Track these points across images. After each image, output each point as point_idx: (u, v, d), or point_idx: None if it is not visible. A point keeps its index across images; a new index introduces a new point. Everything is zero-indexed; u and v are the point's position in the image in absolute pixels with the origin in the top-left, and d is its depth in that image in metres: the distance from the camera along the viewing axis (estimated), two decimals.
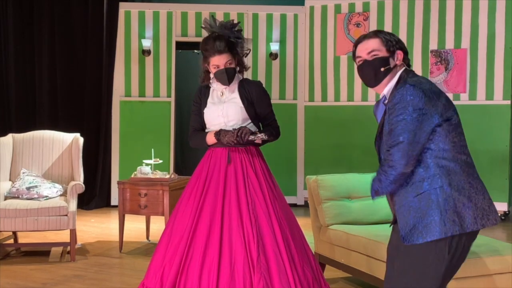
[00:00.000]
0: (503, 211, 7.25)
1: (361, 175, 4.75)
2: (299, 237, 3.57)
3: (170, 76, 8.10)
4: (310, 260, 3.53)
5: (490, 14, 7.27)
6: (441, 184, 2.43)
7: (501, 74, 7.24)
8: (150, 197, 5.46)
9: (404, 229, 2.48)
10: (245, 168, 3.56)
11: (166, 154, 7.92)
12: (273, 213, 3.48)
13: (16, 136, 5.81)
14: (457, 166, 2.46)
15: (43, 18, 8.04)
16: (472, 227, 2.44)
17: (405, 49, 2.63)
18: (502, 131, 7.17)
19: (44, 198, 5.33)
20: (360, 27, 7.93)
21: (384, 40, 2.59)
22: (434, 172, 2.44)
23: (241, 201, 3.47)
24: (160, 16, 8.08)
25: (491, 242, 3.96)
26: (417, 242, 2.44)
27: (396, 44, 2.60)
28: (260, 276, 3.28)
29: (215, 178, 3.55)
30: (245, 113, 3.61)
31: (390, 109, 2.45)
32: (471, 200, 2.45)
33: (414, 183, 2.46)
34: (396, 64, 2.59)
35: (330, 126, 8.07)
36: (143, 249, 5.77)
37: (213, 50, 3.56)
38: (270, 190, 3.56)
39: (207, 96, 3.72)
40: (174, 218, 3.61)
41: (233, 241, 3.38)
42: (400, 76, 2.58)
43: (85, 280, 4.75)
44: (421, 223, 2.43)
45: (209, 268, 3.33)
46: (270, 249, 3.37)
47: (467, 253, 2.56)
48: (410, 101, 2.40)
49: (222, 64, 3.58)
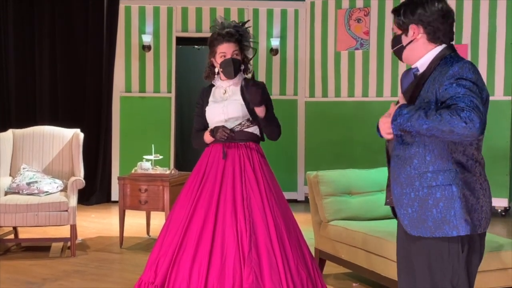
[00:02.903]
0: (503, 207, 7.25)
1: (361, 171, 4.75)
2: (295, 235, 3.55)
3: (171, 71, 8.09)
4: (306, 259, 3.51)
5: (491, 10, 7.25)
6: (457, 181, 2.37)
7: (502, 70, 7.23)
8: (150, 192, 5.47)
9: (406, 217, 2.45)
10: (243, 163, 3.56)
11: (167, 149, 7.92)
12: (269, 210, 3.48)
13: (16, 131, 5.81)
14: (474, 165, 2.41)
15: (44, 13, 8.03)
16: (478, 229, 2.41)
17: (427, 21, 2.47)
18: (502, 127, 7.16)
19: (44, 194, 5.33)
20: (361, 23, 7.91)
21: (395, 16, 2.56)
22: (452, 166, 2.38)
23: (236, 196, 3.48)
24: (161, 11, 8.07)
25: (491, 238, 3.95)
26: (425, 235, 2.41)
27: (406, 17, 2.50)
28: (250, 270, 3.29)
29: (213, 173, 3.56)
30: (245, 110, 3.61)
31: (449, 78, 2.32)
32: (479, 201, 2.41)
33: (425, 173, 2.40)
34: (412, 39, 2.50)
35: (331, 122, 8.06)
36: (144, 245, 5.77)
37: (222, 38, 3.60)
38: (267, 186, 3.56)
39: (208, 95, 3.74)
40: (172, 213, 3.64)
41: (226, 235, 3.39)
42: (443, 53, 2.47)
43: (85, 276, 4.76)
44: (430, 217, 2.39)
45: (200, 260, 3.35)
46: (262, 244, 3.37)
47: (483, 251, 2.51)
48: (473, 79, 2.31)
49: (229, 53, 3.59)
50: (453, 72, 2.34)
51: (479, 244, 2.46)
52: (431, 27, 2.47)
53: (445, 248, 2.40)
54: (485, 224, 2.45)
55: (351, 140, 7.90)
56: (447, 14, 2.49)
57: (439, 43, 2.49)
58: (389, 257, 3.85)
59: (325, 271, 4.59)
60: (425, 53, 2.49)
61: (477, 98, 2.24)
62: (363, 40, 7.91)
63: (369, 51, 7.89)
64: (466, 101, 2.23)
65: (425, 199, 2.40)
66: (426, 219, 2.41)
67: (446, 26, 2.48)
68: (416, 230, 2.44)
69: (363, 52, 7.92)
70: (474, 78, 2.32)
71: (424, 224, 2.41)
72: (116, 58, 8.02)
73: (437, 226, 2.39)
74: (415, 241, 2.48)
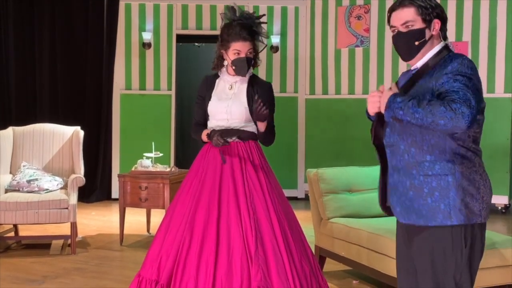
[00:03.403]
0: (503, 204, 7.25)
1: (361, 168, 4.75)
2: (297, 231, 3.55)
3: (171, 69, 8.09)
4: (308, 254, 3.52)
5: (492, 7, 7.24)
6: (453, 171, 2.35)
7: (502, 67, 7.22)
8: (150, 190, 5.47)
9: (398, 204, 2.44)
10: (243, 162, 3.54)
11: (167, 147, 7.92)
12: (272, 207, 3.47)
13: (16, 129, 5.81)
14: (473, 156, 2.39)
15: (44, 11, 8.02)
16: (477, 219, 2.39)
17: (443, 16, 2.42)
18: (503, 124, 7.16)
19: (44, 191, 5.33)
20: (361, 20, 7.91)
21: (419, 8, 2.38)
22: (450, 157, 2.36)
23: (239, 194, 3.46)
24: (161, 9, 8.06)
25: (491, 235, 3.95)
26: (416, 223, 2.40)
27: (433, 11, 2.38)
28: (258, 268, 3.28)
29: (212, 170, 3.54)
30: (248, 115, 3.57)
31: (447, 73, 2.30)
32: (479, 191, 2.39)
33: (423, 162, 2.38)
34: (432, 34, 2.41)
35: (331, 119, 8.06)
36: (144, 242, 5.77)
37: (238, 36, 3.50)
38: (268, 184, 3.55)
39: (212, 87, 3.65)
40: (172, 210, 3.60)
41: (231, 233, 3.38)
42: (441, 52, 2.42)
43: (85, 273, 4.76)
44: (425, 206, 2.37)
45: (206, 258, 3.33)
46: (268, 242, 3.37)
47: (484, 245, 2.49)
48: (470, 74, 2.29)
49: (244, 52, 3.52)
50: (452, 68, 2.33)
51: (480, 237, 2.45)
52: (445, 23, 2.44)
53: (448, 243, 2.39)
54: (486, 214, 2.43)
55: (351, 137, 7.90)
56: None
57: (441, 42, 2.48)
58: (389, 254, 3.85)
59: (325, 269, 4.59)
60: (428, 51, 2.45)
61: (471, 93, 2.23)
62: (363, 37, 7.91)
63: (369, 48, 7.88)
64: (460, 94, 2.22)
65: (421, 188, 2.39)
66: (420, 208, 2.40)
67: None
68: (407, 218, 2.43)
69: (363, 49, 7.92)
70: (471, 73, 2.31)
71: (417, 213, 2.40)
72: (116, 56, 8.02)
73: (432, 216, 2.38)
74: (417, 238, 2.46)
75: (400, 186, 2.45)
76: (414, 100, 2.25)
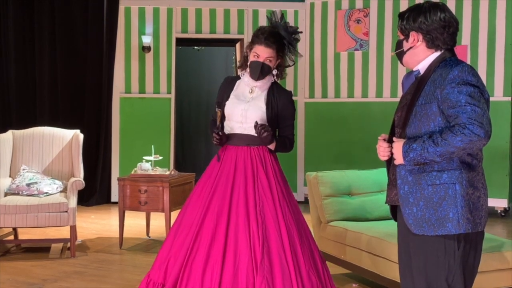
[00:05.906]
0: (503, 208, 7.25)
1: (361, 172, 4.75)
2: (307, 240, 3.51)
3: (170, 72, 8.09)
4: (317, 264, 3.48)
5: (491, 10, 7.25)
6: (461, 179, 2.41)
7: (502, 70, 7.23)
8: (150, 193, 5.47)
9: (411, 216, 2.47)
10: (255, 167, 3.52)
11: (166, 150, 7.92)
12: (281, 216, 3.44)
13: (16, 132, 5.81)
14: (477, 164, 2.46)
15: (43, 14, 8.03)
16: (479, 227, 2.44)
17: (427, 30, 2.51)
18: (502, 127, 7.16)
19: (44, 195, 5.33)
20: (360, 24, 7.92)
21: (399, 25, 2.61)
22: (457, 165, 2.41)
23: (249, 201, 3.44)
24: (160, 12, 8.07)
25: (491, 238, 3.96)
26: (428, 233, 2.44)
27: (410, 28, 2.54)
28: (263, 278, 3.26)
29: (225, 176, 3.52)
30: (264, 118, 3.55)
31: (450, 82, 2.37)
32: (480, 199, 2.44)
33: (431, 172, 2.43)
34: (412, 45, 2.55)
35: (330, 123, 8.07)
36: (143, 246, 5.77)
37: (262, 39, 3.51)
38: (280, 191, 3.52)
39: (232, 88, 3.66)
40: (183, 213, 3.59)
41: (239, 241, 3.36)
42: (443, 55, 2.51)
43: (85, 277, 4.76)
44: (434, 215, 2.42)
45: (212, 265, 3.32)
46: (275, 251, 3.34)
47: (480, 251, 2.53)
48: (472, 81, 2.36)
49: (263, 57, 3.52)
50: (453, 76, 2.37)
51: (475, 243, 2.49)
52: (429, 35, 2.51)
53: (441, 245, 2.44)
54: (484, 222, 2.48)
55: (351, 140, 7.90)
56: (449, 24, 2.50)
57: (439, 49, 2.53)
58: (389, 257, 3.85)
59: None
60: (424, 57, 2.54)
61: (478, 104, 2.31)
62: (362, 41, 7.92)
63: (368, 52, 7.89)
64: (468, 112, 2.30)
65: (430, 198, 2.43)
66: (430, 217, 2.43)
67: (446, 35, 2.51)
68: (421, 229, 2.46)
69: (362, 53, 7.93)
70: (475, 80, 2.37)
71: (428, 222, 2.44)
72: (116, 59, 8.02)
73: (440, 224, 2.42)
74: (413, 239, 2.51)
75: (411, 197, 2.49)
76: (429, 141, 2.36)
